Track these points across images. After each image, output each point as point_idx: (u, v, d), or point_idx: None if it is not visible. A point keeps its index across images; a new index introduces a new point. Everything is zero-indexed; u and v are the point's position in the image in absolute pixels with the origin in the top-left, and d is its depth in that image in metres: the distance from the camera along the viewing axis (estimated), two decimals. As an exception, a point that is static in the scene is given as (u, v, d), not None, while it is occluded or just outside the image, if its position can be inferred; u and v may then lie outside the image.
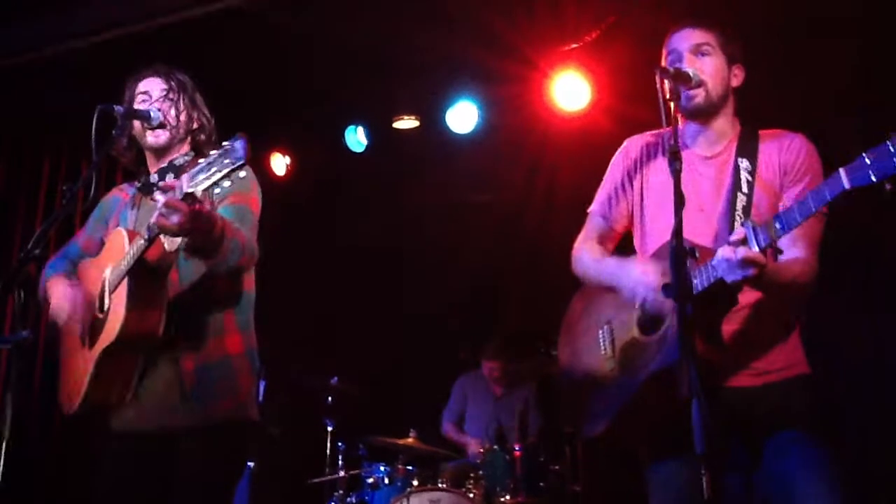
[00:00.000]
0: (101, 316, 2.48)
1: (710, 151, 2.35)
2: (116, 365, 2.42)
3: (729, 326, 2.15)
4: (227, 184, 2.12)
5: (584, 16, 4.71)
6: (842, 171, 1.77)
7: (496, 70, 4.96)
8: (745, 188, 2.23)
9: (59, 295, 2.53)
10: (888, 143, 1.68)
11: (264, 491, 5.21)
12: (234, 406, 2.49)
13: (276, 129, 5.92)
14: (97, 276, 2.55)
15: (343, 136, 5.92)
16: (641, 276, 2.18)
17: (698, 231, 2.21)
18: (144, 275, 2.40)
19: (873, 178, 1.70)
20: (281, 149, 6.18)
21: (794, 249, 2.16)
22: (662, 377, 2.09)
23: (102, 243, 2.69)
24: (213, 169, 2.10)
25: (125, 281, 2.38)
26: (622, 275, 2.27)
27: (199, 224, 2.19)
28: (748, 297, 2.16)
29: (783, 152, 2.26)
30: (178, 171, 2.61)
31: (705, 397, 1.72)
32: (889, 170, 1.67)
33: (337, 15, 4.64)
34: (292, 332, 6.08)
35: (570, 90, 5.13)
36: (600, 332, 2.39)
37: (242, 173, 2.59)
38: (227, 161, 2.09)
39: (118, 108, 2.50)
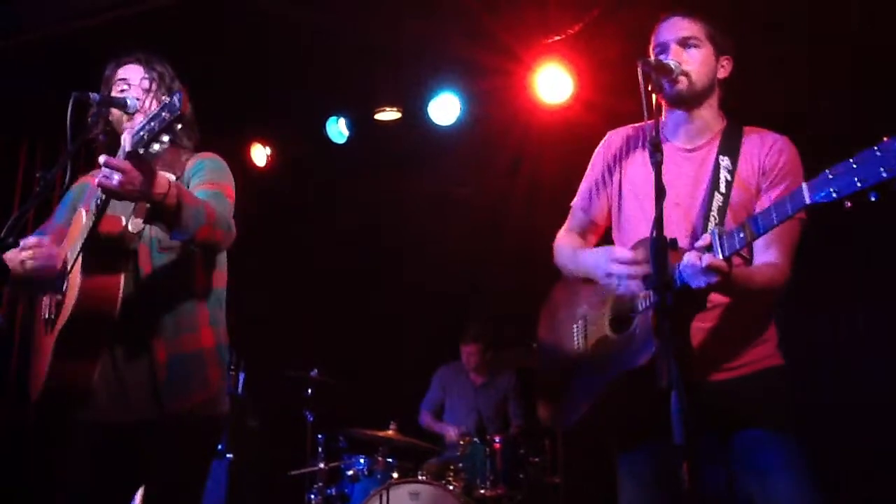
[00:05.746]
0: (60, 297, 2.42)
1: (690, 144, 2.35)
2: (76, 347, 2.36)
3: (702, 323, 2.15)
4: (165, 138, 2.07)
5: (567, 9, 4.71)
6: (804, 185, 1.76)
7: (479, 62, 4.95)
8: (723, 188, 2.22)
9: (30, 244, 2.41)
10: (851, 160, 1.67)
11: (243, 483, 5.19)
12: (205, 400, 2.46)
13: (256, 120, 5.89)
14: (61, 259, 2.49)
15: (324, 127, 5.89)
16: (620, 259, 2.14)
17: (674, 226, 2.20)
18: (99, 250, 2.34)
19: (834, 195, 1.69)
20: (261, 139, 6.15)
21: (767, 254, 2.17)
22: (631, 376, 2.10)
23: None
24: (152, 124, 2.06)
25: (80, 257, 2.33)
26: (595, 261, 2.25)
27: (145, 184, 2.14)
28: (720, 296, 2.15)
29: (764, 153, 2.25)
30: (151, 157, 2.58)
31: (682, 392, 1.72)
32: (849, 188, 1.66)
33: (319, 5, 4.61)
34: (271, 323, 6.05)
35: (552, 83, 5.13)
36: (574, 326, 2.40)
37: (216, 163, 2.59)
38: (164, 115, 2.04)
39: (93, 96, 2.46)
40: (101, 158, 2.11)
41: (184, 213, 2.24)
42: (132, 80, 2.60)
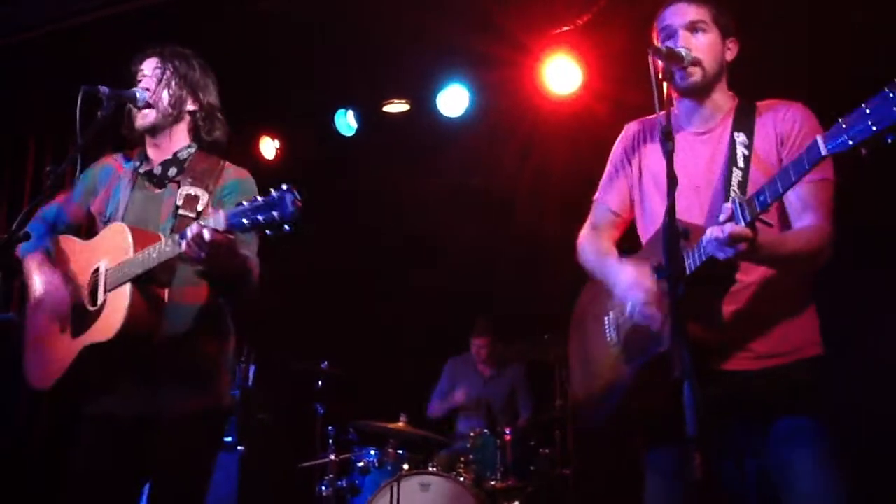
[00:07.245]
0: (91, 308, 2.43)
1: (704, 127, 2.34)
2: (101, 359, 2.39)
3: (732, 306, 2.12)
4: (267, 232, 2.07)
5: (575, -1, 4.69)
6: (819, 138, 1.76)
7: (487, 53, 4.93)
8: (741, 163, 2.20)
9: (45, 282, 2.46)
10: (863, 106, 1.66)
11: (254, 475, 5.20)
12: (211, 399, 2.49)
13: (265, 112, 5.88)
14: (86, 263, 2.49)
15: (333, 119, 5.88)
16: (633, 286, 2.16)
17: (694, 209, 2.19)
18: (150, 281, 2.36)
19: (850, 143, 1.68)
20: (270, 132, 6.15)
21: (803, 219, 2.14)
22: (657, 362, 2.07)
23: (89, 214, 2.65)
24: (258, 217, 2.02)
25: (129, 285, 2.33)
26: (616, 281, 2.26)
27: (226, 262, 2.23)
28: (753, 275, 2.13)
29: (780, 122, 2.23)
30: (181, 165, 2.58)
31: (702, 380, 1.70)
32: (864, 133, 1.65)
33: (327, -3, 4.61)
34: (282, 316, 6.06)
35: (561, 73, 5.12)
36: (606, 318, 2.38)
37: (248, 185, 2.61)
38: (274, 213, 2.00)
39: (103, 90, 2.45)
40: (194, 229, 2.13)
41: (241, 290, 2.36)
42: (147, 71, 2.61)
